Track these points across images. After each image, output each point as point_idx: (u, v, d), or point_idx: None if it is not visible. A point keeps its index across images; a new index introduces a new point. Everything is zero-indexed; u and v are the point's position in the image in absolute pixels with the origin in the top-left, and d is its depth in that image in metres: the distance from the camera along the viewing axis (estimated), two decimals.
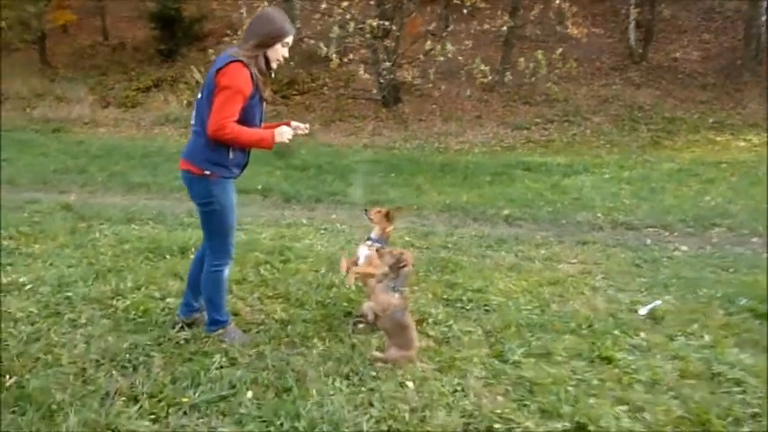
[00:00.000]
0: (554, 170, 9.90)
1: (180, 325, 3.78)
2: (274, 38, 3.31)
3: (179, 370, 3.24)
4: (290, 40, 3.39)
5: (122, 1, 22.66)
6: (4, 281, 4.55)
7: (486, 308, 4.29)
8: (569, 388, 3.18)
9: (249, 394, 3.04)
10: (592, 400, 3.07)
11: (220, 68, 3.21)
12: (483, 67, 13.19)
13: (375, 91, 16.36)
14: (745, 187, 8.53)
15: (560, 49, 14.21)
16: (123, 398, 2.97)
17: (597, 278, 5.00)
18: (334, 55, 12.80)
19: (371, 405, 2.99)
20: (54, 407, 2.83)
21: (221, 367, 3.30)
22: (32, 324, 3.81)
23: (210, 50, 17.01)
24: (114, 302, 4.18)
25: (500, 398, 3.10)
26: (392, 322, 3.42)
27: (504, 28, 14.90)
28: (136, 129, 15.83)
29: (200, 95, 3.36)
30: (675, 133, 14.30)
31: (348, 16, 12.89)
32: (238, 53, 3.24)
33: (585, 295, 4.60)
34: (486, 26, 14.50)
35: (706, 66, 17.84)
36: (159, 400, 2.95)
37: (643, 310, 4.24)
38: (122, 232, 6.01)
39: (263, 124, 3.51)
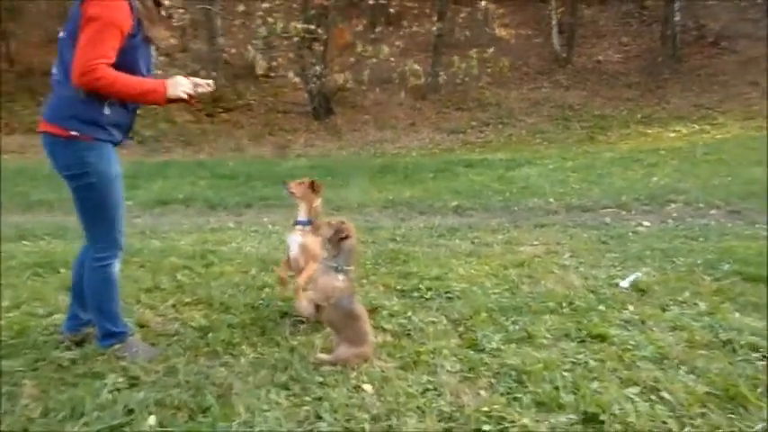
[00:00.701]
0: (496, 164, 9.51)
1: (65, 344, 2.92)
2: None
3: (56, 399, 2.40)
4: None
5: (30, 27, 21.13)
6: None
7: (449, 295, 3.65)
8: (564, 373, 2.56)
9: (152, 420, 2.25)
10: (595, 385, 2.46)
11: None
12: (416, 67, 12.79)
13: (305, 104, 15.72)
14: (688, 168, 8.37)
15: (491, 49, 14.06)
16: None
17: (564, 257, 4.48)
18: (260, 59, 12.06)
19: (319, 418, 2.27)
20: None
21: (116, 390, 2.48)
22: None
23: None
24: None
25: (483, 393, 2.44)
26: (338, 311, 2.71)
27: (434, 29, 14.55)
28: (44, 154, 14.46)
29: (60, 33, 2.54)
30: (608, 129, 14.38)
31: (270, 19, 12.21)
32: None
33: (556, 274, 4.04)
34: (414, 29, 14.19)
35: (628, 66, 18.25)
36: None
37: (624, 283, 3.72)
38: (10, 249, 5.02)
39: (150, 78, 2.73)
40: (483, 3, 13.71)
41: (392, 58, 13.05)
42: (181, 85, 2.61)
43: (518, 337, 2.97)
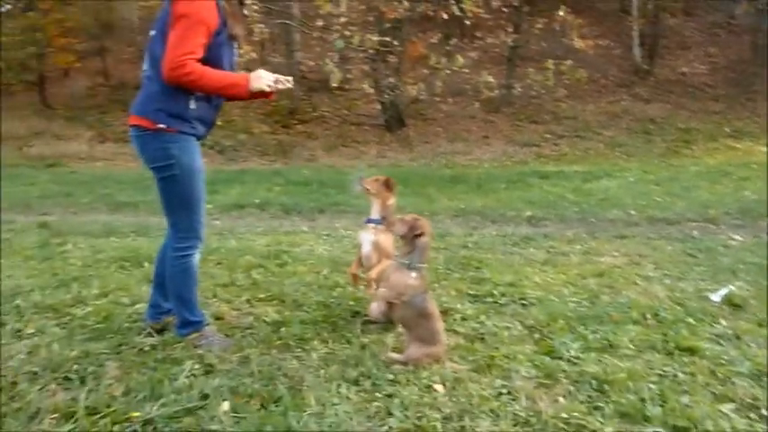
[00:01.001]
0: (572, 176, 9.21)
1: (147, 331, 3.03)
2: None
3: (136, 380, 2.48)
4: None
5: (123, 43, 22.58)
6: None
7: (524, 302, 3.53)
8: (651, 385, 2.40)
9: (225, 406, 2.27)
10: (685, 399, 2.29)
11: None
12: (490, 79, 12.64)
13: (378, 116, 15.87)
14: None
15: (569, 61, 13.69)
16: (56, 415, 2.21)
17: (647, 268, 4.25)
18: (335, 70, 12.27)
19: (390, 414, 2.23)
20: None
21: (193, 376, 2.54)
22: None
23: None
24: (72, 310, 3.45)
25: (561, 400, 2.32)
26: (411, 310, 2.66)
27: (509, 41, 14.34)
28: (133, 161, 15.28)
29: (151, 32, 2.66)
30: (693, 142, 13.68)
31: (347, 33, 12.43)
32: None
33: (639, 285, 3.84)
34: (489, 41, 14.04)
35: (715, 78, 17.35)
36: (103, 417, 2.19)
37: (715, 297, 3.47)
38: (99, 245, 5.31)
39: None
40: (560, 13, 13.37)
41: (466, 70, 12.94)
42: (263, 79, 2.67)
43: (599, 346, 2.82)
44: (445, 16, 13.06)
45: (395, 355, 2.72)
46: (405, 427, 2.12)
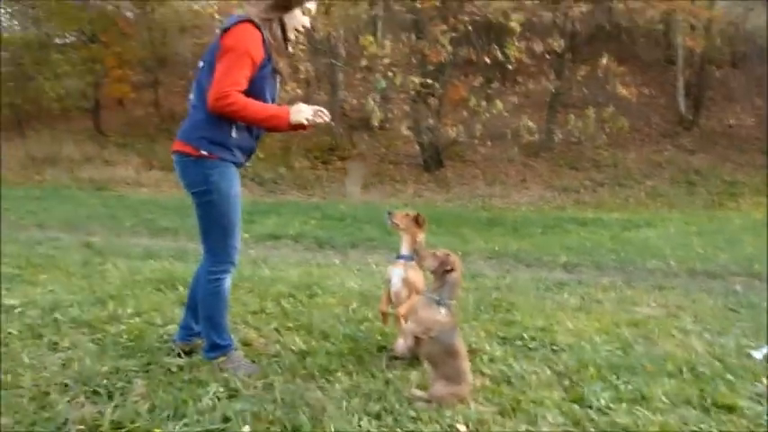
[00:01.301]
0: (611, 224, 9.06)
1: (176, 352, 3.08)
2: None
3: (162, 399, 2.52)
4: (312, 6, 2.84)
5: (175, 76, 23.55)
6: None
7: (554, 347, 3.46)
8: None
9: (246, 429, 2.28)
10: None
11: (227, 28, 2.65)
12: (530, 124, 12.66)
13: (417, 156, 16.01)
14: None
15: (611, 108, 13.62)
16: (82, 426, 2.25)
17: (686, 321, 4.11)
18: (376, 110, 12.50)
19: None
20: None
21: (217, 398, 2.56)
22: (6, 345, 3.19)
23: None
24: (107, 327, 3.54)
25: None
26: (438, 346, 2.64)
27: (551, 87, 14.38)
28: (177, 189, 15.71)
29: (200, 63, 2.79)
30: (738, 195, 13.35)
31: (390, 73, 12.70)
32: (249, 13, 2.70)
33: (676, 338, 3.71)
34: (531, 86, 14.11)
35: (761, 130, 16.93)
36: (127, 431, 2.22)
37: (758, 354, 3.34)
38: (137, 266, 5.46)
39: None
40: (603, 61, 13.40)
41: (506, 113, 13.02)
42: (302, 112, 2.76)
43: (630, 398, 2.72)
44: (488, 61, 13.26)
45: (419, 392, 2.69)
46: None
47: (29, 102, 21.24)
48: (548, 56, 13.36)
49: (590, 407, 2.63)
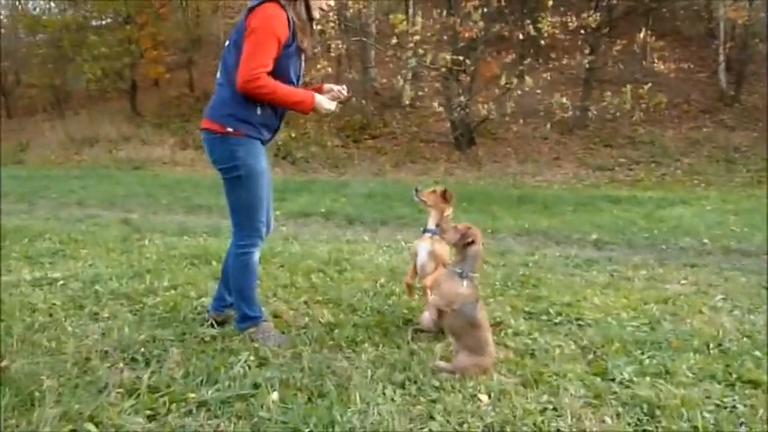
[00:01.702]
0: (645, 202, 8.89)
1: (209, 322, 3.20)
2: None
3: (195, 366, 2.64)
4: None
5: (209, 57, 23.81)
6: (37, 275, 4.22)
7: (580, 322, 3.47)
8: (706, 414, 2.32)
9: (275, 396, 2.38)
10: (742, 429, 2.19)
11: (252, 8, 2.71)
12: (564, 101, 12.44)
13: (448, 134, 15.90)
14: None
15: (648, 85, 13.25)
16: (121, 390, 2.38)
17: (716, 299, 4.05)
18: (407, 88, 12.46)
19: (432, 418, 2.26)
20: (37, 394, 2.29)
21: (247, 366, 2.67)
22: (50, 315, 3.38)
23: None
24: (144, 299, 3.70)
25: (608, 420, 2.28)
26: (461, 319, 2.68)
27: (585, 63, 14.05)
28: (210, 167, 15.84)
29: (226, 42, 2.86)
30: None
31: (420, 51, 12.62)
32: None
33: (705, 314, 3.67)
34: (564, 62, 13.80)
35: None
36: (162, 395, 2.34)
37: None
38: (173, 242, 5.64)
39: (300, 84, 2.99)
40: (641, 35, 13.02)
41: (538, 91, 12.83)
42: (325, 104, 2.86)
43: (654, 372, 2.73)
44: (521, 36, 13.03)
45: (442, 364, 2.75)
46: (445, 431, 2.14)
47: (68, 83, 21.81)
48: (582, 31, 13.07)
49: (612, 380, 2.65)
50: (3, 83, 23.60)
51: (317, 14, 2.92)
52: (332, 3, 2.95)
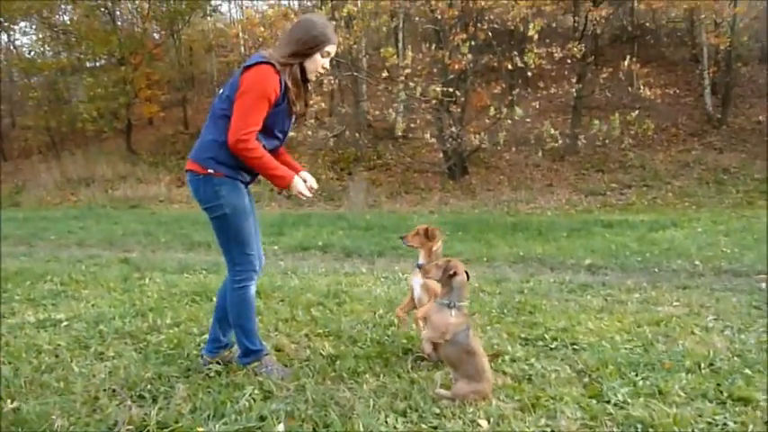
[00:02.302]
0: (638, 226, 9.03)
1: (207, 366, 3.25)
2: (314, 46, 2.93)
3: (202, 400, 2.71)
4: (331, 49, 2.99)
5: (203, 95, 24.21)
6: (41, 317, 4.28)
7: (575, 347, 3.56)
8: (697, 431, 2.40)
9: (280, 428, 2.45)
10: None
11: (248, 67, 2.86)
12: (552, 131, 12.71)
13: (441, 164, 16.12)
14: None
15: (636, 112, 13.55)
16: (131, 427, 2.45)
17: (708, 319, 4.15)
18: (399, 120, 12.71)
19: None
20: None
21: (252, 399, 2.74)
22: (56, 356, 3.44)
23: None
24: (148, 337, 3.78)
25: None
26: (455, 347, 2.77)
27: (573, 91, 14.37)
28: None
29: (220, 90, 3.01)
30: None
31: (411, 84, 12.91)
32: (272, 56, 2.89)
33: (696, 335, 3.77)
34: (553, 91, 14.12)
35: None
36: (172, 430, 2.41)
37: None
38: (173, 280, 5.71)
39: (284, 144, 3.15)
40: (626, 62, 13.36)
41: (527, 120, 13.10)
42: (299, 187, 2.96)
43: (648, 392, 2.81)
44: (509, 67, 13.36)
45: (443, 392, 2.82)
46: None
47: (64, 124, 22.05)
48: (569, 60, 13.41)
49: (608, 402, 2.73)
50: None
51: (313, 77, 3.05)
52: (327, 66, 3.06)
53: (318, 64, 2.99)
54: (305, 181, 3.04)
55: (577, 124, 15.85)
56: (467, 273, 2.91)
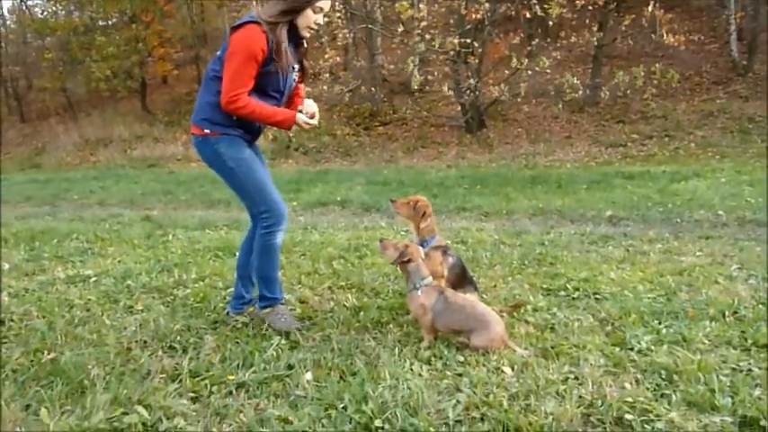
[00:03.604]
0: (659, 177, 8.88)
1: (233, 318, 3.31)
2: (304, 2, 2.86)
3: (231, 351, 2.78)
4: (323, 5, 2.91)
5: (215, 51, 23.93)
6: (70, 273, 4.39)
7: (597, 296, 3.57)
8: (722, 377, 2.41)
9: (308, 375, 2.51)
10: (757, 391, 2.28)
11: (236, 27, 2.84)
12: (574, 81, 12.40)
13: (458, 118, 15.89)
14: None
15: (659, 63, 13.14)
16: (163, 376, 2.53)
17: (732, 268, 4.12)
18: (416, 73, 12.48)
19: (459, 390, 2.37)
20: (86, 383, 2.44)
21: (280, 349, 2.81)
22: (87, 310, 3.53)
23: None
24: (175, 291, 3.86)
25: (628, 386, 2.38)
26: (442, 317, 2.82)
27: (594, 40, 13.95)
28: None
29: (217, 53, 2.97)
30: None
31: (428, 36, 12.62)
32: (259, 14, 2.84)
33: (720, 284, 3.75)
34: (573, 40, 13.71)
35: None
36: (203, 379, 2.48)
37: None
38: (196, 236, 5.79)
39: (284, 98, 3.09)
40: (649, 9, 12.88)
41: (548, 70, 12.78)
42: (304, 122, 2.98)
43: (671, 340, 2.82)
44: (528, 16, 12.97)
45: (466, 340, 2.86)
46: (473, 402, 2.26)
47: (79, 85, 22.06)
48: (590, 8, 12.98)
49: (631, 349, 2.75)
50: (15, 88, 23.94)
51: (306, 34, 3.00)
52: (321, 22, 2.98)
53: (311, 20, 2.93)
54: (306, 113, 3.03)
55: (598, 74, 15.47)
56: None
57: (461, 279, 3.30)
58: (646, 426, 2.09)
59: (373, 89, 16.54)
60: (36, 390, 2.38)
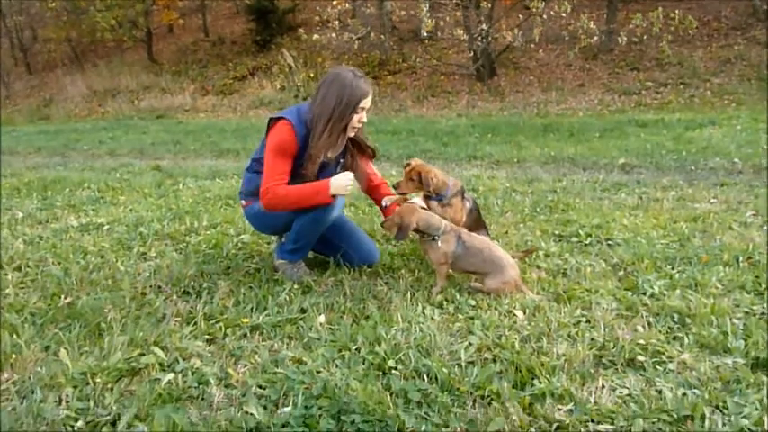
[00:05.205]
0: (673, 125, 8.73)
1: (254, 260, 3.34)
2: (347, 106, 2.80)
3: (244, 295, 2.81)
4: (365, 104, 2.83)
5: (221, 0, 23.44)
6: (83, 221, 4.41)
7: (610, 242, 3.55)
8: (735, 320, 2.41)
9: (321, 318, 2.54)
10: None
11: (271, 121, 2.92)
12: (591, 25, 12.03)
13: (469, 66, 15.55)
14: None
15: (678, 10, 12.69)
16: (179, 319, 2.57)
17: (746, 215, 4.07)
18: (427, 18, 12.16)
19: (471, 333, 2.39)
20: (103, 325, 2.47)
21: (292, 293, 2.83)
22: (101, 256, 3.56)
23: (304, 36, 16.99)
24: (187, 238, 3.88)
25: (640, 329, 2.38)
26: (462, 262, 2.85)
27: None
28: (232, 113, 16.13)
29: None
30: None
31: None
32: (305, 114, 2.87)
33: (734, 231, 3.71)
34: None
35: None
36: (217, 322, 2.51)
37: None
38: (206, 185, 5.79)
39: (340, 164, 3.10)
40: None
41: (563, 14, 12.40)
42: (342, 184, 2.85)
43: (684, 284, 2.82)
44: None
45: (478, 285, 2.87)
46: (485, 344, 2.27)
47: (84, 35, 21.72)
48: None
49: (644, 293, 2.74)
50: (20, 39, 23.63)
51: (352, 133, 2.96)
52: (365, 119, 2.93)
53: (354, 120, 2.88)
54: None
55: (613, 19, 15.00)
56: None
57: (477, 222, 3.28)
58: (657, 367, 2.10)
59: (382, 37, 16.19)
60: (54, 332, 2.42)
